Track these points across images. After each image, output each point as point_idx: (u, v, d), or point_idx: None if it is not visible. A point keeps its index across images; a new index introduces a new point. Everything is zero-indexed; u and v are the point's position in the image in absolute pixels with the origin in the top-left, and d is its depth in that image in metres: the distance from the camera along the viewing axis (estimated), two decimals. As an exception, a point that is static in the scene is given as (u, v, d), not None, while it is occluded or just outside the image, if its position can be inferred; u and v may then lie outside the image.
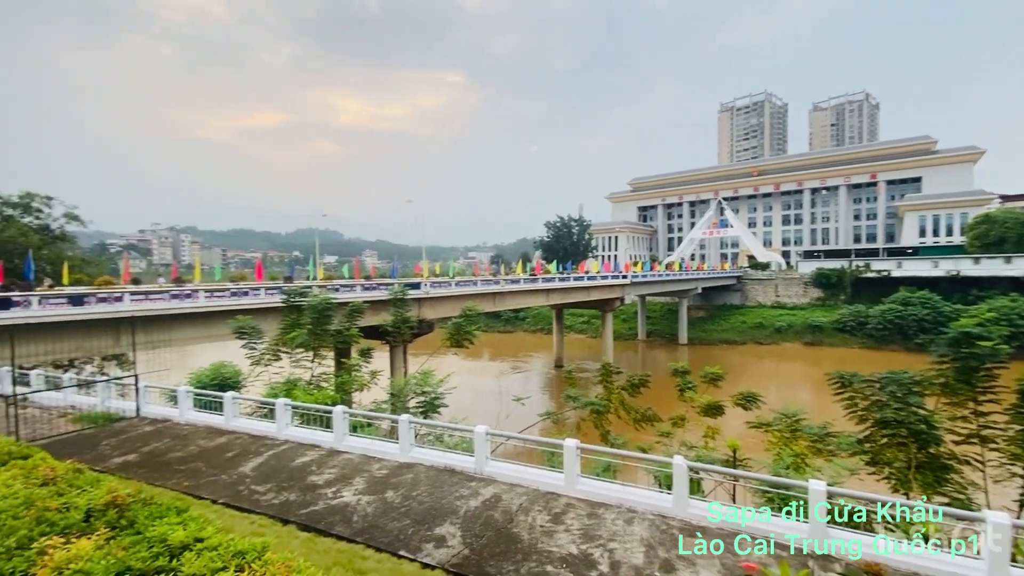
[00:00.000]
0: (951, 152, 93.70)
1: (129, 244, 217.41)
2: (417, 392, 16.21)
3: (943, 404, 12.53)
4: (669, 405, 17.69)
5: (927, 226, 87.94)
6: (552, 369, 61.10)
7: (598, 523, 8.51)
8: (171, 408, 15.92)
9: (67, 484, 4.20)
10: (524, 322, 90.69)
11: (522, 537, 8.11)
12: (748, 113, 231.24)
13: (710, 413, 15.77)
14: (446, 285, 41.75)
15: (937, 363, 12.59)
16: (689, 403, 16.60)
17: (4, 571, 2.91)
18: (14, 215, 32.71)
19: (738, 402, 15.94)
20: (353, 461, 11.66)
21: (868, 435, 12.76)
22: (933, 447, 11.85)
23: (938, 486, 11.63)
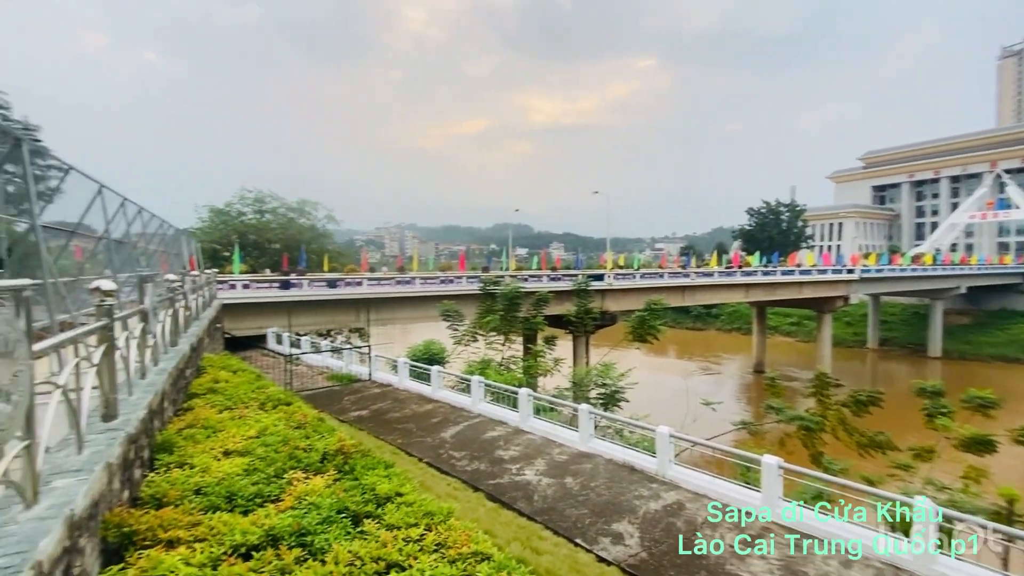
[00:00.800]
0: None
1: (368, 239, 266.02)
2: (598, 383, 16.21)
3: None
4: (909, 432, 14.34)
5: None
6: (749, 374, 54.92)
7: (804, 559, 7.31)
8: (392, 375, 18.91)
9: (312, 430, 5.33)
10: (717, 319, 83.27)
11: (708, 553, 7.44)
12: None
13: (974, 449, 12.23)
14: (630, 277, 40.74)
15: None
16: (941, 432, 13.13)
17: (263, 492, 3.79)
18: (294, 217, 42.92)
19: (1020, 438, 12.02)
20: (536, 442, 12.22)
21: None
22: None
23: None
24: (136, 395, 4.87)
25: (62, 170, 5.07)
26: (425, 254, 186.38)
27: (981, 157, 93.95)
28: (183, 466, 4.35)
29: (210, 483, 3.91)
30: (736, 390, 50.21)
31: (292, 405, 6.51)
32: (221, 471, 4.11)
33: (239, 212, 41.36)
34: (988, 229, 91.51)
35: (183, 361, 7.33)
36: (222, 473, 4.06)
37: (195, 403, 6.54)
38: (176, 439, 4.97)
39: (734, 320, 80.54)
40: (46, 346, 2.84)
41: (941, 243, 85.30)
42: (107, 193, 6.82)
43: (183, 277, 10.54)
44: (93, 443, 3.43)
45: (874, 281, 56.37)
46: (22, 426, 2.34)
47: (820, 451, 14.05)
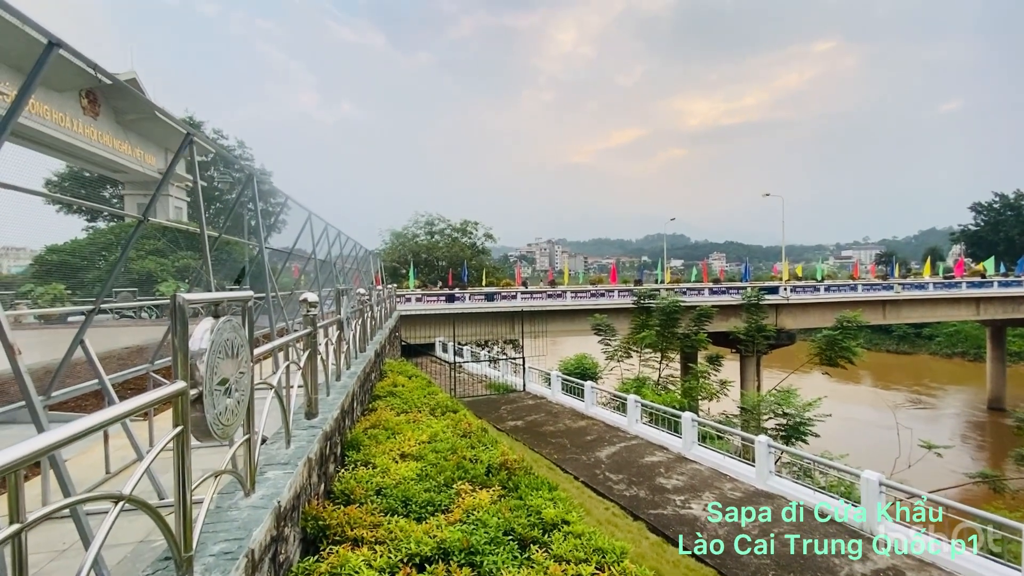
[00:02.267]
0: None
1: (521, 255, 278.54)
2: (776, 412, 14.12)
3: None
4: None
5: None
6: (982, 411, 43.39)
7: None
8: (545, 388, 19.05)
9: (477, 439, 5.40)
10: (931, 341, 67.79)
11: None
12: None
13: None
14: (812, 290, 35.41)
15: None
16: None
17: (435, 501, 3.85)
18: (457, 236, 46.70)
19: None
20: (702, 472, 11.05)
21: None
22: None
23: None
24: (332, 395, 5.49)
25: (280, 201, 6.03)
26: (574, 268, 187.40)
27: None
28: (367, 464, 4.72)
29: (389, 485, 4.15)
30: (962, 430, 40.01)
31: (458, 412, 6.78)
32: (399, 473, 4.35)
33: (413, 234, 46.46)
34: None
35: (369, 366, 8.19)
36: (399, 476, 4.29)
37: (377, 404, 7.21)
38: (362, 438, 5.47)
39: (955, 343, 64.70)
40: (265, 350, 3.28)
41: None
42: (314, 219, 8.03)
43: (370, 291, 11.97)
44: (297, 438, 3.87)
45: None
46: (244, 421, 2.66)
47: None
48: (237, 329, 2.55)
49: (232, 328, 2.48)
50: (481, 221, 48.81)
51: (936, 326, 62.74)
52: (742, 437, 12.60)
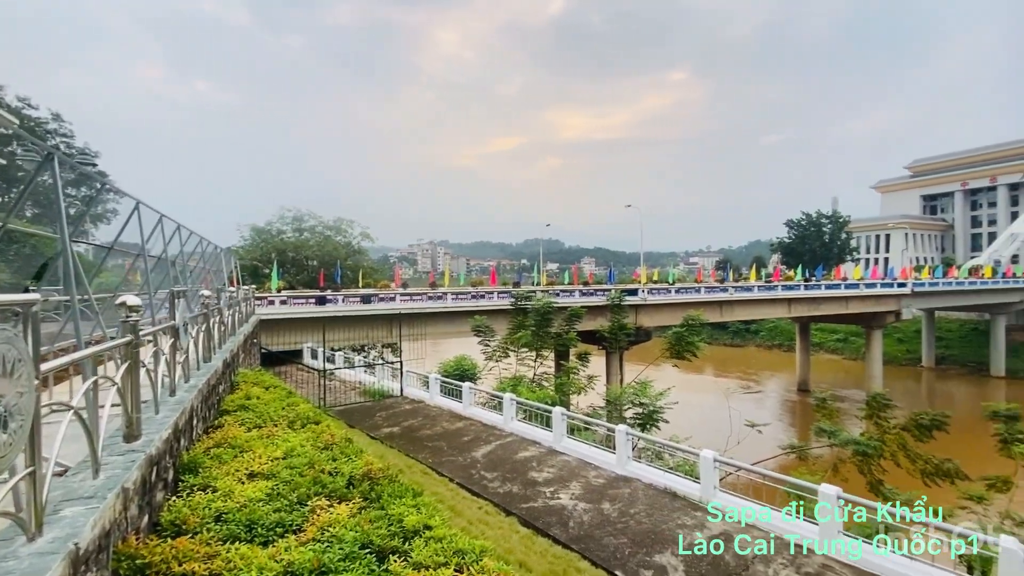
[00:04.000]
0: None
1: (402, 256, 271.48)
2: (634, 402, 15.56)
3: None
4: (980, 460, 13.12)
5: None
6: (793, 393, 52.46)
7: (871, 601, 6.58)
8: (424, 391, 18.77)
9: (340, 451, 5.12)
10: (757, 336, 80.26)
11: (761, 592, 6.81)
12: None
13: (1061, 481, 11.03)
14: (665, 292, 39.72)
15: None
16: (1019, 461, 11.93)
17: (285, 521, 3.56)
18: (330, 235, 43.96)
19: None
20: (570, 464, 11.73)
21: None
22: None
23: None
24: (163, 413, 4.78)
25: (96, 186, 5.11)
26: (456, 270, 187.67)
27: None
28: (206, 489, 4.20)
29: (232, 509, 3.72)
30: (779, 410, 47.93)
31: (321, 424, 6.35)
32: (244, 495, 3.93)
33: (279, 230, 42.70)
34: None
35: (215, 377, 7.31)
36: (244, 498, 3.88)
37: (225, 420, 6.46)
38: (203, 459, 4.85)
39: (775, 336, 77.47)
40: (56, 365, 2.72)
41: (1001, 254, 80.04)
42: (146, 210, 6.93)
43: (218, 293, 10.69)
44: (112, 465, 3.30)
45: (927, 295, 53.26)
46: (25, 453, 2.18)
47: (880, 479, 12.99)
48: (13, 341, 2.09)
49: (5, 340, 2.03)
50: (358, 219, 46.65)
51: (760, 322, 74.38)
52: (606, 428, 13.63)
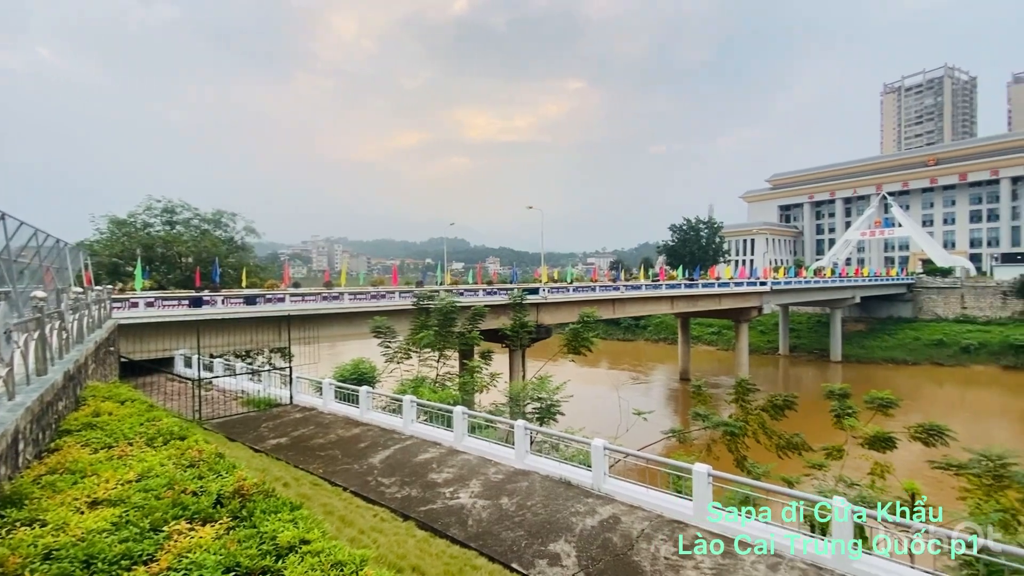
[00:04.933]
0: None
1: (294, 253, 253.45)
2: (534, 397, 16.03)
3: None
4: (821, 433, 15.33)
5: None
6: (676, 382, 57.45)
7: (734, 563, 7.39)
8: (317, 398, 17.70)
9: (208, 468, 4.62)
10: (646, 331, 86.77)
11: (643, 567, 7.34)
12: (921, 92, 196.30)
13: (877, 446, 13.25)
14: (564, 291, 41.42)
15: None
16: (848, 432, 14.13)
17: (133, 552, 3.13)
18: (208, 229, 39.71)
19: (916, 435, 13.17)
20: (471, 462, 11.76)
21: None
22: None
23: None
24: (-25, 438, 3.97)
25: None
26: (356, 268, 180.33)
27: (868, 181, 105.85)
28: (34, 523, 3.56)
29: (65, 544, 3.19)
30: (664, 398, 52.26)
31: (188, 439, 5.68)
32: (82, 527, 3.38)
33: (145, 223, 37.70)
34: (876, 245, 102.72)
35: (53, 392, 6.23)
36: (83, 530, 3.34)
37: (65, 442, 5.53)
38: (30, 489, 4.11)
39: (661, 331, 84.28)
40: None
41: (838, 257, 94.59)
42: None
43: (59, 294, 9.15)
44: None
45: (783, 292, 61.19)
46: None
47: (744, 455, 14.66)
48: None
49: None
50: (242, 212, 42.69)
51: (648, 318, 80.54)
52: (507, 424, 13.86)
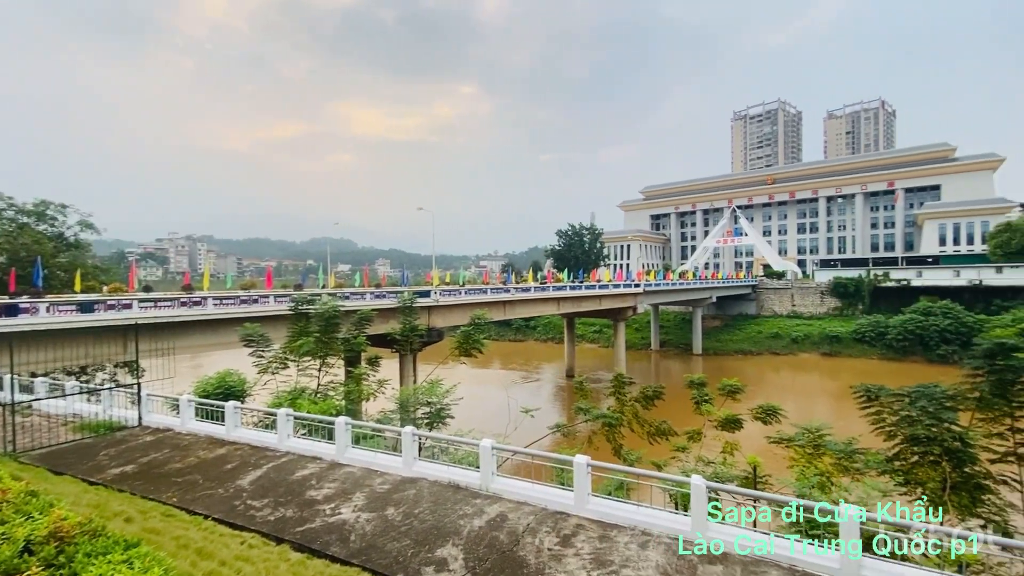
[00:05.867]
0: (970, 159, 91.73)
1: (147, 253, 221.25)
2: (424, 402, 15.77)
3: (977, 420, 11.80)
4: (685, 418, 17.08)
5: (947, 235, 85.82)
6: (563, 379, 60.36)
7: (610, 547, 7.94)
8: (173, 417, 15.65)
9: (14, 511, 3.81)
10: (535, 331, 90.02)
11: (528, 561, 7.58)
12: (761, 121, 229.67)
13: (728, 427, 15.12)
14: (456, 293, 41.43)
15: (971, 376, 11.87)
16: (706, 416, 15.95)
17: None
18: (29, 223, 33.12)
19: (757, 416, 15.26)
20: (355, 475, 11.21)
21: (897, 453, 12.03)
22: (968, 466, 11.10)
23: (974, 507, 10.86)
24: None
25: None
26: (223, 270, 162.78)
27: (722, 196, 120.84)
28: None
29: None
30: (552, 395, 54.63)
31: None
32: None
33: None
34: (728, 251, 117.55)
35: None
36: None
37: None
38: None
39: (549, 331, 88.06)
40: None
41: (698, 262, 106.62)
42: None
43: None
44: None
45: (654, 293, 67.38)
46: None
47: (620, 444, 15.85)
48: None
49: None
50: (79, 206, 36.32)
51: (537, 319, 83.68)
52: (395, 431, 13.46)
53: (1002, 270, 66.89)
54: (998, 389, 11.30)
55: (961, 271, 69.99)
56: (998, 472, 11.17)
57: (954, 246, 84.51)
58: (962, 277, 68.91)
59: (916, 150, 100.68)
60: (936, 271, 73.24)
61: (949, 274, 70.70)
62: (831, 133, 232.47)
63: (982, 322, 57.07)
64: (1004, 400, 11.25)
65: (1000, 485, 11.03)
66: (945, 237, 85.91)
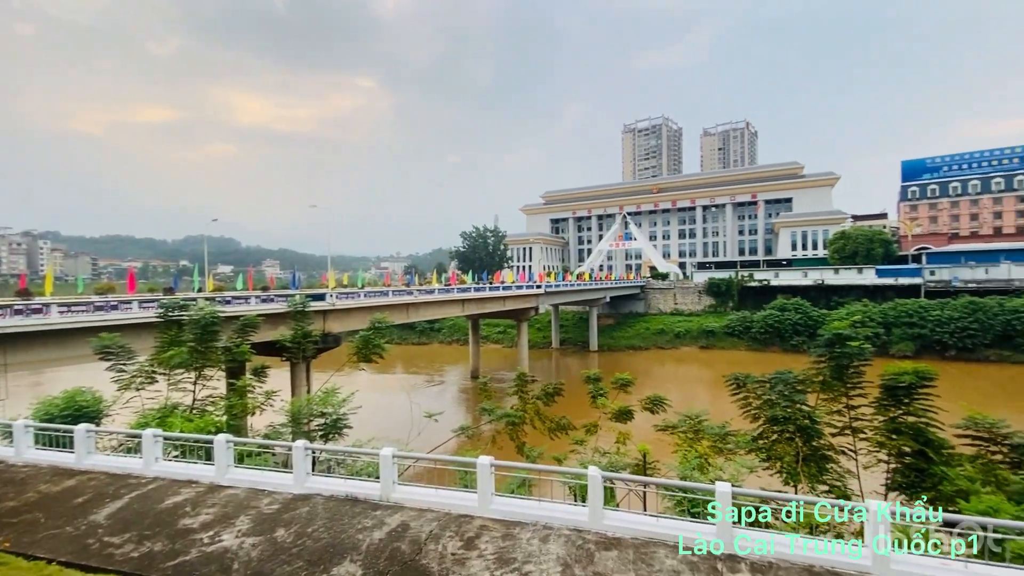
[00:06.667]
0: (814, 177, 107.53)
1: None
2: (317, 413, 14.81)
3: (822, 400, 13.76)
4: (583, 412, 17.88)
5: (798, 241, 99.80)
6: (469, 381, 60.37)
7: (513, 544, 8.06)
8: (6, 447, 13.14)
9: None
10: (440, 333, 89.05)
11: (431, 568, 7.44)
12: (648, 135, 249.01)
13: (621, 418, 16.09)
14: (354, 296, 39.63)
15: (816, 363, 13.81)
16: (601, 410, 16.83)
17: None
18: None
19: (646, 406, 16.42)
20: (238, 497, 10.21)
21: (762, 432, 13.66)
22: (816, 440, 12.92)
23: (821, 476, 12.67)
24: None
25: None
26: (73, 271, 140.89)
27: (614, 202, 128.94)
28: None
29: None
30: (457, 398, 54.41)
31: None
32: None
33: None
34: (620, 254, 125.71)
35: None
36: None
37: None
38: None
39: (454, 333, 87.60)
40: None
41: (594, 265, 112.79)
42: None
43: None
44: None
45: (554, 294, 69.99)
46: None
47: (523, 441, 16.18)
48: None
49: None
50: None
51: (442, 321, 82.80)
52: (284, 446, 12.48)
53: (839, 271, 79.25)
54: (836, 373, 13.28)
55: (808, 272, 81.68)
56: (839, 444, 13.14)
57: (803, 251, 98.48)
58: (809, 278, 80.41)
59: (773, 167, 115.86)
60: (789, 272, 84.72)
61: (799, 275, 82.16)
62: (706, 149, 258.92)
63: (824, 316, 66.93)
64: (841, 382, 13.24)
65: (840, 455, 12.98)
66: (796, 243, 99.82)
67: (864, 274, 76.92)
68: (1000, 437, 11.60)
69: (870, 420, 12.86)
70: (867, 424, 12.89)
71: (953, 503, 10.03)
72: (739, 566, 7.27)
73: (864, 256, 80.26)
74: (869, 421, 12.89)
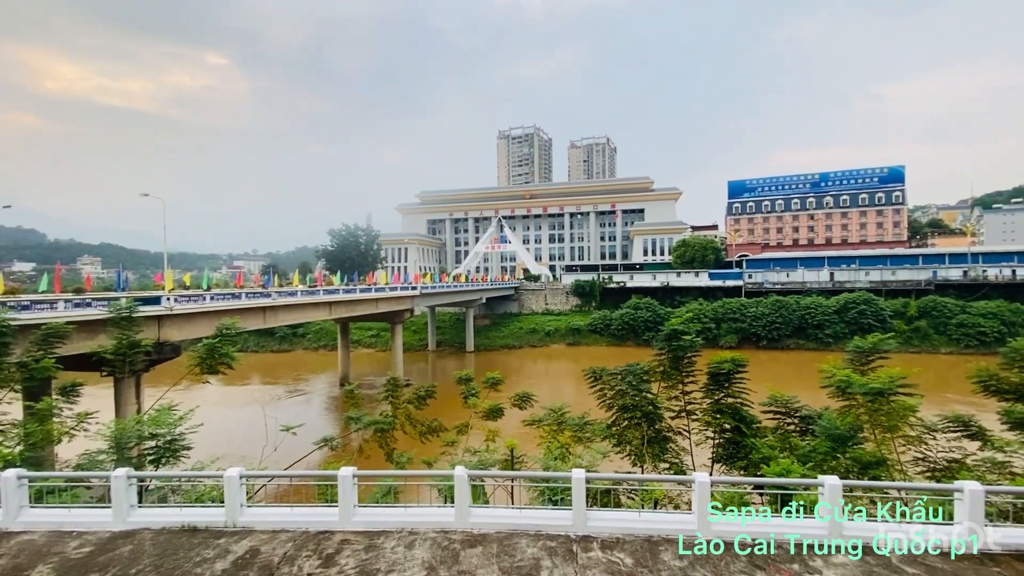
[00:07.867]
0: (661, 191, 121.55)
1: None
2: (147, 435, 12.79)
3: (663, 388, 15.59)
4: (456, 413, 17.98)
5: (649, 247, 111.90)
6: (337, 389, 56.95)
7: (377, 555, 7.82)
8: None
9: None
10: (304, 339, 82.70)
11: (285, 593, 6.89)
12: (521, 143, 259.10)
13: (491, 417, 16.51)
14: (199, 299, 35.06)
15: (657, 355, 15.62)
16: (473, 409, 17.10)
17: None
18: None
19: (515, 403, 17.08)
20: (36, 544, 8.43)
21: (615, 420, 15.06)
22: (658, 424, 14.61)
23: (662, 455, 14.35)
24: None
25: None
26: None
27: (490, 206, 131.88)
28: None
29: None
30: (324, 407, 51.04)
31: None
32: None
33: None
34: (495, 256, 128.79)
35: None
36: None
37: None
38: None
39: (321, 338, 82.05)
40: None
41: (470, 266, 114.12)
42: None
43: None
44: None
45: (430, 296, 69.33)
46: None
47: (393, 448, 15.76)
48: None
49: None
50: None
51: (307, 325, 76.96)
52: (102, 477, 10.58)
53: (681, 275, 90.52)
54: (674, 363, 15.17)
55: (656, 275, 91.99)
56: (676, 426, 14.99)
57: (653, 256, 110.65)
58: (657, 280, 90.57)
59: (629, 180, 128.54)
60: (642, 275, 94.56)
61: (649, 277, 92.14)
62: (573, 160, 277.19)
63: (669, 314, 75.96)
64: (677, 372, 15.15)
65: (677, 435, 14.82)
66: (648, 249, 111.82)
67: (700, 277, 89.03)
68: (793, 410, 14.27)
69: (700, 403, 14.90)
70: (698, 407, 14.91)
71: (759, 468, 12.05)
72: (591, 545, 7.91)
73: (700, 261, 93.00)
74: (699, 404, 14.93)
